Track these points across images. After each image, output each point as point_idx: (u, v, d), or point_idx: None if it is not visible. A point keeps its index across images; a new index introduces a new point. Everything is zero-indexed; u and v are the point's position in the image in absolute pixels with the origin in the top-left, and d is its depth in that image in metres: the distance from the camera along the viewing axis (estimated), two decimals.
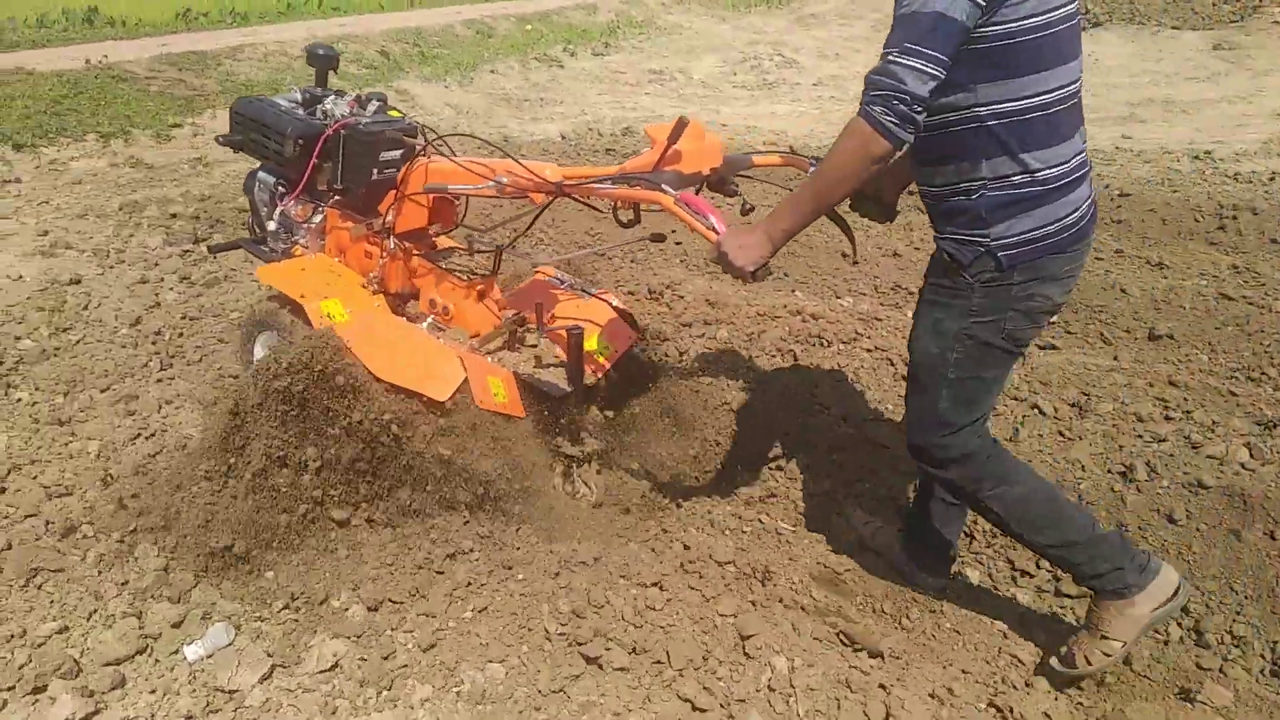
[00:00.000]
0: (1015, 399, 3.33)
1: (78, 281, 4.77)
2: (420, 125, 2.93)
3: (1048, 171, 1.94)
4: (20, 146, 7.99)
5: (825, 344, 3.72)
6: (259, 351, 3.10)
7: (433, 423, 2.49)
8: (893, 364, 3.56)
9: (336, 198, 3.01)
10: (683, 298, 4.19)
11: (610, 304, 2.98)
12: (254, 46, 11.49)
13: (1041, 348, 3.92)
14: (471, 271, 2.90)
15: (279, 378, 2.34)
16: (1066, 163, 1.97)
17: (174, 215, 6.00)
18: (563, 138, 8.15)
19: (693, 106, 9.85)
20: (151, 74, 9.89)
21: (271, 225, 3.19)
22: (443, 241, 3.06)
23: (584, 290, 3.05)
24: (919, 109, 1.78)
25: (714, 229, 2.09)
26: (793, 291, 4.60)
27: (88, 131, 8.28)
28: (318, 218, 3.12)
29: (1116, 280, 4.33)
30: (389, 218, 2.87)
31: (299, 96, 3.11)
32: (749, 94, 10.69)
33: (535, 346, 2.81)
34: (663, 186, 2.22)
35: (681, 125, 2.25)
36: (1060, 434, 3.08)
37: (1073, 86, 1.97)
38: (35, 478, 2.94)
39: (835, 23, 19.05)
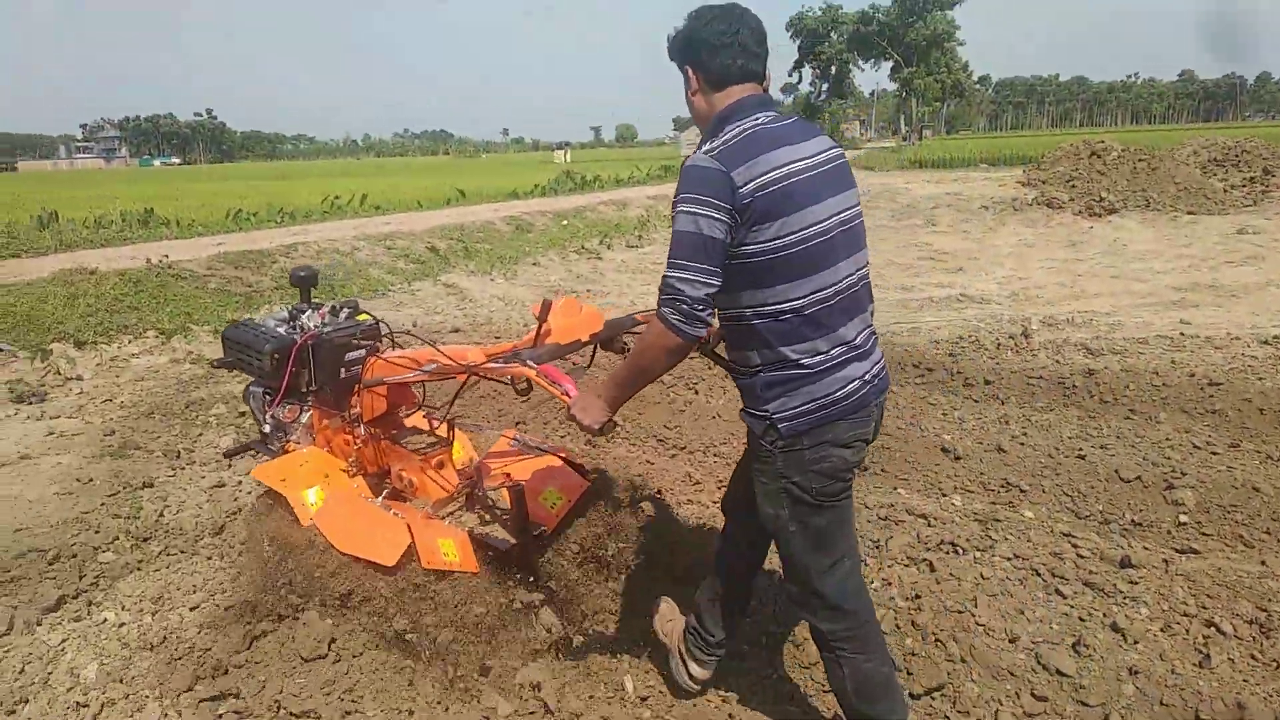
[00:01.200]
0: (1185, 615, 3.06)
1: (150, 485, 4.63)
2: (381, 323, 3.48)
3: (808, 360, 2.20)
4: (82, 344, 8.07)
5: (959, 551, 3.49)
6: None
7: (400, 588, 2.77)
8: (1039, 574, 3.31)
9: (314, 397, 3.42)
10: None
11: (561, 458, 3.24)
12: (306, 245, 11.87)
13: (1180, 552, 3.67)
14: (430, 445, 3.25)
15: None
16: (826, 353, 2.21)
17: (243, 414, 5.92)
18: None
19: None
20: (210, 272, 10.14)
21: (267, 428, 3.61)
22: (411, 421, 3.47)
23: (538, 449, 3.37)
24: (701, 308, 2.08)
25: (567, 394, 2.39)
26: (895, 489, 4.40)
27: (148, 328, 8.39)
28: (305, 416, 3.52)
29: (1244, 478, 4.12)
30: (356, 408, 3.27)
31: (284, 314, 3.58)
32: None
33: (493, 504, 3.16)
34: (527, 362, 2.52)
35: (546, 306, 2.61)
36: (1253, 657, 2.79)
37: (833, 289, 2.21)
38: (132, 716, 2.68)
39: None
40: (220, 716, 2.63)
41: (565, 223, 16.52)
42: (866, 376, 2.26)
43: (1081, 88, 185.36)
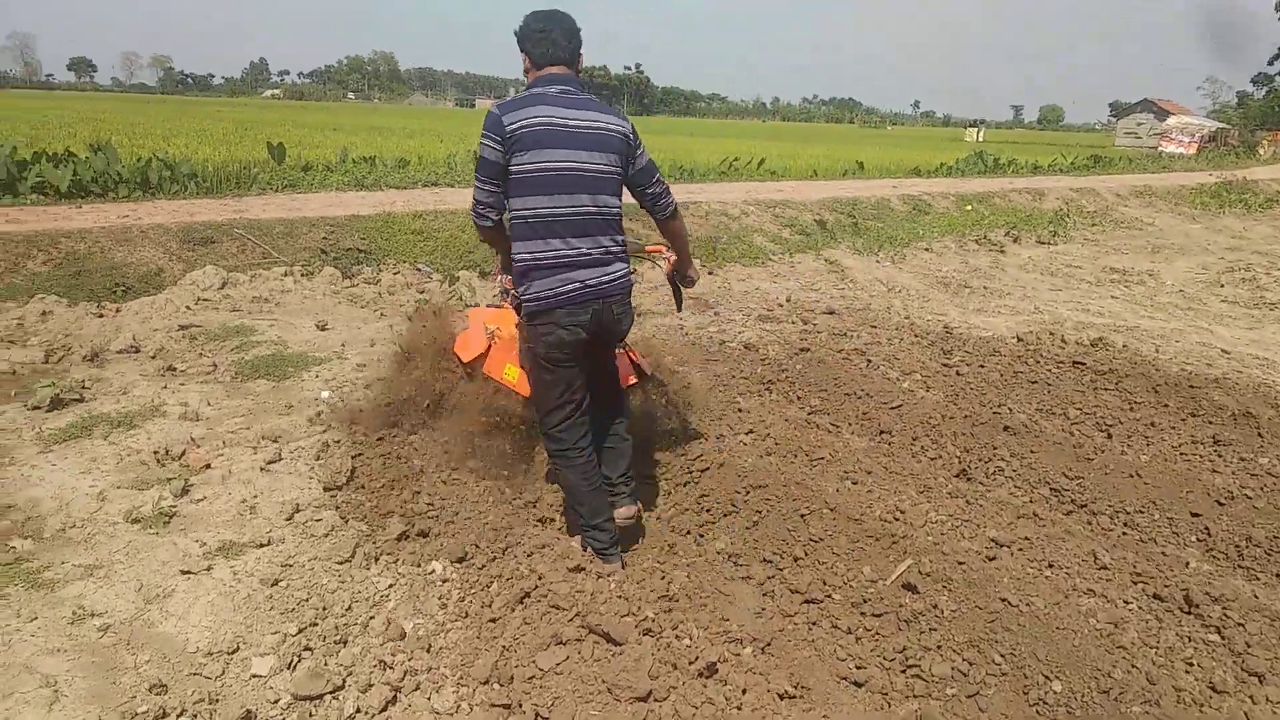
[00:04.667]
0: None
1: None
2: None
3: (530, 258, 3.10)
4: (485, 274, 8.65)
5: None
6: None
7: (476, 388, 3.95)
8: None
9: None
10: None
11: (629, 356, 4.01)
12: (697, 204, 11.90)
13: None
14: None
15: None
16: (551, 254, 3.08)
17: None
18: (1018, 339, 7.14)
19: (1174, 321, 8.35)
20: None
21: (496, 291, 4.67)
22: None
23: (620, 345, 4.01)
24: (483, 209, 3.13)
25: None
26: None
27: None
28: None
29: None
30: None
31: None
32: (1246, 313, 8.88)
33: None
34: None
35: None
36: None
37: (565, 210, 3.07)
38: (429, 696, 2.54)
39: None
40: None
41: (969, 208, 15.15)
42: (590, 281, 3.10)
43: None
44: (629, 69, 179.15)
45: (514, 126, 2.98)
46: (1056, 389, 5.80)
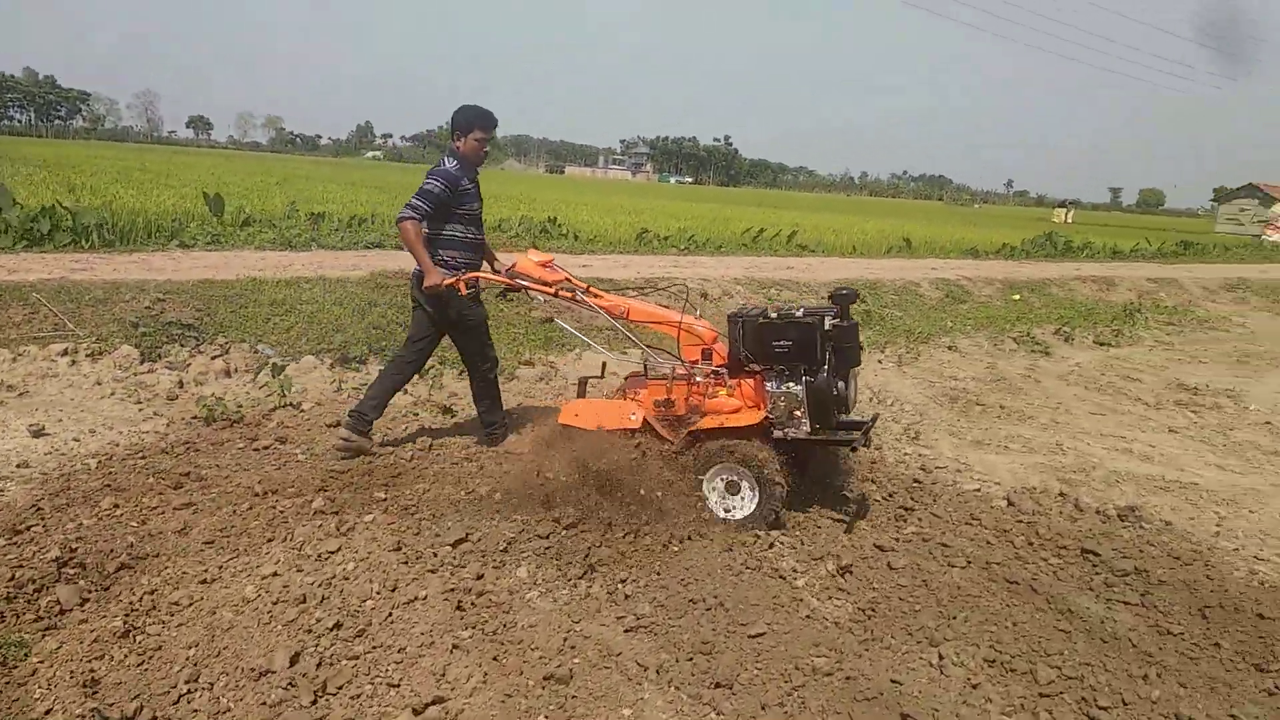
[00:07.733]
0: None
1: None
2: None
3: None
4: (349, 361, 6.86)
5: None
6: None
7: None
8: None
9: None
10: None
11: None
12: (671, 277, 9.98)
13: None
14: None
15: None
16: None
17: None
18: (1009, 503, 4.96)
19: (1253, 475, 5.99)
20: None
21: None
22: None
23: None
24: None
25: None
26: None
27: None
28: None
29: None
30: None
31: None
32: None
33: None
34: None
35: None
36: None
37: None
38: None
39: None
40: None
41: (1016, 297, 12.87)
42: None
43: None
44: (718, 140, 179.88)
45: None
46: (1034, 614, 3.63)
